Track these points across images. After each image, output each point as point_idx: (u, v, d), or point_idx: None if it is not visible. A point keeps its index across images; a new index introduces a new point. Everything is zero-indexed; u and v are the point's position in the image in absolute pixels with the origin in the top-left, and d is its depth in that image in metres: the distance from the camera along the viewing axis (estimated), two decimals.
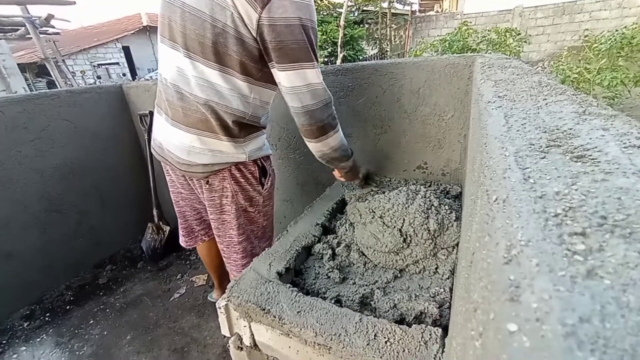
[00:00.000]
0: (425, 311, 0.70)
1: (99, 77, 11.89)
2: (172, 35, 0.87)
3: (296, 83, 0.82)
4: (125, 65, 13.42)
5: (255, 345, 0.80)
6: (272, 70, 0.84)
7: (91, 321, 1.59)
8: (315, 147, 0.94)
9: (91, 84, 10.40)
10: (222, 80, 0.85)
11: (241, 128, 0.93)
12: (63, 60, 7.04)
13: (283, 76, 0.82)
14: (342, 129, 1.41)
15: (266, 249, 1.16)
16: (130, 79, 12.49)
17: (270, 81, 0.91)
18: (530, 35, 5.67)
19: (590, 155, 0.28)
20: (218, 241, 1.13)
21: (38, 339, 1.51)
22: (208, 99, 0.87)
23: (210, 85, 0.86)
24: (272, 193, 1.13)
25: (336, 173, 1.17)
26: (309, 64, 0.82)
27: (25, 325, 1.59)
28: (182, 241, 1.30)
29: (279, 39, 0.77)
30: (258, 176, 1.03)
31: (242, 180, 1.01)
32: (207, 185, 1.01)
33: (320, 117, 0.87)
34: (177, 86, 0.90)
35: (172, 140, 0.97)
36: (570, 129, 0.35)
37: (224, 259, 1.16)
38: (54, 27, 6.03)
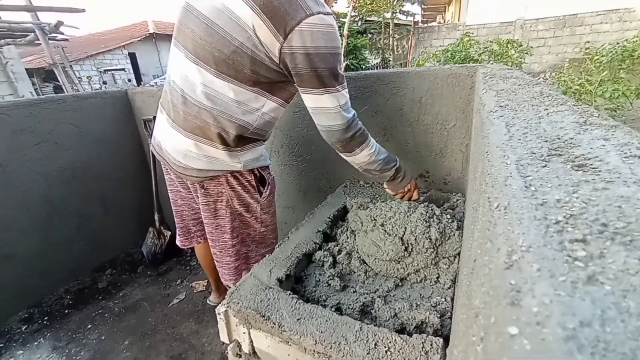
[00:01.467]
0: (426, 321, 0.69)
1: (104, 83, 12.05)
2: (185, 41, 0.88)
3: (316, 105, 0.87)
4: (131, 71, 13.60)
5: (254, 352, 0.79)
6: (300, 92, 0.89)
7: (89, 326, 1.58)
8: (347, 159, 0.99)
9: (97, 89, 10.54)
10: (232, 92, 0.86)
11: (240, 139, 0.94)
12: (70, 65, 7.14)
13: (305, 98, 0.88)
14: None
15: (267, 255, 1.16)
16: (136, 84, 12.65)
17: (284, 98, 0.94)
18: (531, 47, 5.73)
19: (591, 165, 0.29)
20: (211, 245, 1.12)
21: (35, 343, 1.50)
22: (213, 107, 0.88)
23: (217, 95, 0.87)
24: (271, 202, 1.13)
25: (385, 185, 1.13)
26: (328, 89, 0.85)
27: (24, 328, 1.58)
28: (179, 241, 1.30)
29: (299, 66, 0.81)
30: (255, 185, 1.04)
31: (239, 187, 1.02)
32: (202, 190, 1.02)
33: (340, 137, 0.91)
34: (183, 90, 0.91)
35: (170, 142, 0.98)
36: (572, 138, 0.36)
37: (215, 262, 1.15)
38: (62, 33, 6.14)
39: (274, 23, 0.76)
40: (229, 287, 1.16)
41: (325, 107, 0.87)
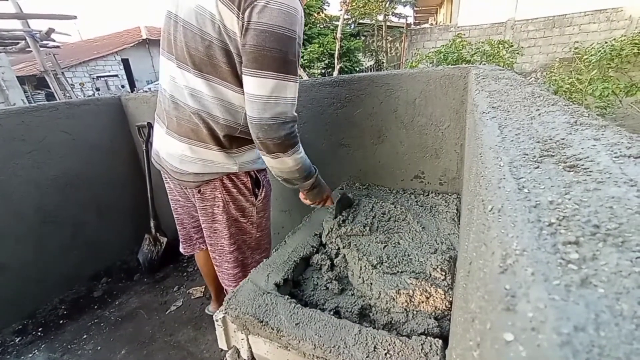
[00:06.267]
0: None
1: (97, 89, 11.98)
2: (169, 48, 0.90)
3: (259, 92, 0.78)
4: (124, 77, 13.54)
5: (253, 358, 0.79)
6: (243, 75, 0.80)
7: (85, 336, 1.56)
8: (269, 162, 0.89)
9: (90, 96, 10.46)
10: (212, 90, 0.86)
11: (232, 140, 0.94)
12: (62, 72, 7.09)
13: (248, 81, 0.79)
14: (339, 139, 1.44)
15: (262, 260, 1.16)
16: (129, 90, 12.58)
17: None
18: (522, 47, 5.81)
19: (583, 165, 0.29)
20: (210, 249, 1.12)
21: (30, 355, 1.47)
22: (200, 109, 0.89)
23: (201, 96, 0.88)
24: (266, 205, 1.12)
25: (301, 195, 1.07)
26: (281, 76, 0.78)
27: (17, 340, 1.55)
28: (181, 248, 1.31)
29: (252, 42, 0.76)
30: (251, 187, 1.03)
31: (234, 190, 1.01)
32: (199, 194, 1.02)
33: (275, 134, 0.81)
34: (173, 96, 0.92)
35: (167, 149, 0.99)
36: (563, 139, 0.36)
37: (215, 267, 1.16)
38: (54, 40, 6.10)
39: (232, 1, 0.75)
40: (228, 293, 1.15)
41: (277, 96, 0.78)
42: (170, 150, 0.98)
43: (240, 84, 0.85)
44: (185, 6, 0.83)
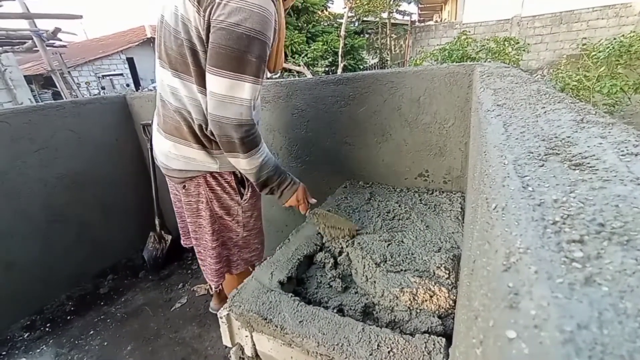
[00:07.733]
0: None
1: (103, 88, 12.07)
2: (158, 48, 0.93)
3: (217, 90, 0.78)
4: (129, 76, 13.63)
5: (257, 355, 0.79)
6: (205, 71, 0.81)
7: (91, 332, 1.58)
8: (229, 159, 0.91)
9: (95, 94, 10.56)
10: (186, 89, 0.88)
11: (211, 140, 0.94)
12: (69, 71, 7.16)
13: (208, 78, 0.80)
14: (343, 137, 1.44)
15: (252, 260, 1.17)
16: (134, 89, 12.67)
17: None
18: (528, 44, 5.74)
19: (588, 163, 0.29)
20: (195, 244, 1.14)
21: (38, 350, 1.50)
22: (180, 107, 0.91)
23: (179, 94, 0.90)
24: (254, 205, 1.12)
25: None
26: (237, 75, 0.77)
27: (26, 335, 1.58)
28: (182, 241, 1.33)
29: (212, 40, 0.77)
30: (235, 186, 1.04)
31: (218, 188, 1.02)
32: (184, 190, 1.04)
33: (229, 133, 0.82)
34: (161, 94, 0.97)
35: (157, 146, 1.03)
36: (569, 137, 0.36)
37: (199, 261, 1.18)
38: (60, 40, 6.16)
39: None
40: (212, 288, 1.17)
41: (232, 96, 0.78)
42: (159, 147, 1.02)
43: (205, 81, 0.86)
44: (167, 7, 0.86)
